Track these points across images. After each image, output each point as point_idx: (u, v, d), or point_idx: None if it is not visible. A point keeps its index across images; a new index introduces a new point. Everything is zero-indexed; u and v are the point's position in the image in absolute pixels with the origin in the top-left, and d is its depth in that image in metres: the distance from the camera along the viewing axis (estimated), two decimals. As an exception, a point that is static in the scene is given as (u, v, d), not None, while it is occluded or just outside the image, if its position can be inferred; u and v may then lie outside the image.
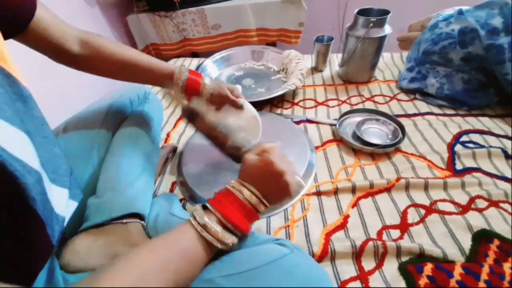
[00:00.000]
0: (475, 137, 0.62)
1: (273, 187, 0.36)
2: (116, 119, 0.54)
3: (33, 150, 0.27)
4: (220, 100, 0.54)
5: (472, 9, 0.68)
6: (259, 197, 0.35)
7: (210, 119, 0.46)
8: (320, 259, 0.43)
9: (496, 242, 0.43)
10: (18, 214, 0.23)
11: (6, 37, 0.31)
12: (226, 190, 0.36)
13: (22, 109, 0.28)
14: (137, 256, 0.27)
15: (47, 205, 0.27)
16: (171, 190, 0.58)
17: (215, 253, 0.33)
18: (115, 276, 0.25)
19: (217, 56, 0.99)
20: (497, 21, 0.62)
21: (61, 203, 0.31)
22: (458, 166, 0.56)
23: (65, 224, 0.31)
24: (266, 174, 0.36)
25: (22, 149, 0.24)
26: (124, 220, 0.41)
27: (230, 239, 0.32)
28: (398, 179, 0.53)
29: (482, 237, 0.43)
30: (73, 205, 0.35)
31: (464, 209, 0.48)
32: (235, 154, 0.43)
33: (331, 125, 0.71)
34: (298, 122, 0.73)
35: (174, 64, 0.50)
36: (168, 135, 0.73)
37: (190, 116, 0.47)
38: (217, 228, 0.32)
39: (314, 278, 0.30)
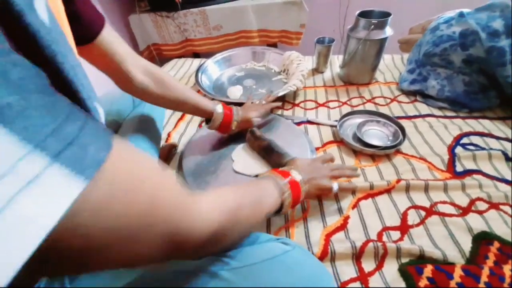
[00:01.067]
0: (476, 139, 0.62)
1: (314, 177, 0.44)
2: (117, 117, 0.54)
3: None
4: (244, 126, 0.62)
5: (473, 11, 0.68)
6: (303, 179, 0.42)
7: (264, 143, 0.58)
8: (320, 260, 0.43)
9: (496, 244, 0.42)
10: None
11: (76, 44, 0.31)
12: (283, 171, 0.43)
13: None
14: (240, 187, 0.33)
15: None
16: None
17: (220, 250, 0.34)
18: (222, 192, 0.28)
19: (218, 56, 0.99)
20: (498, 24, 0.62)
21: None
22: (459, 168, 0.56)
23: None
24: (310, 166, 0.46)
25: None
26: None
27: (289, 201, 0.39)
28: (398, 180, 0.53)
29: (482, 239, 0.43)
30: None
31: (464, 211, 0.48)
32: (280, 162, 0.53)
33: (331, 126, 0.71)
34: (298, 123, 0.73)
35: (213, 104, 0.57)
36: (168, 135, 0.73)
37: (252, 137, 0.60)
38: (288, 192, 0.39)
39: (316, 275, 0.31)
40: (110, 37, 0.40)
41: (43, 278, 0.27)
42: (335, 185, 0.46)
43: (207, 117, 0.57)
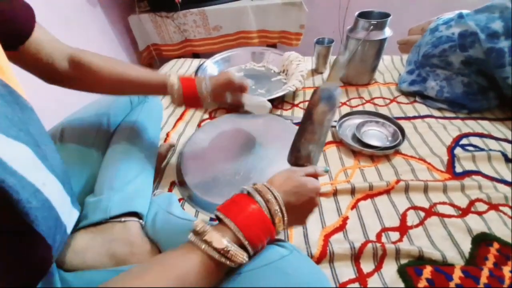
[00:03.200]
0: (475, 140, 0.62)
1: (300, 205, 0.32)
2: (115, 119, 0.54)
3: (37, 160, 0.26)
4: (225, 89, 0.50)
5: (472, 12, 0.68)
6: (281, 207, 0.30)
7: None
8: (318, 260, 0.43)
9: (496, 245, 0.42)
10: (14, 230, 0.23)
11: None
12: (244, 195, 0.31)
13: (23, 119, 0.27)
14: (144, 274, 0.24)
15: (51, 213, 0.27)
16: (170, 190, 0.58)
17: None
18: None
19: (217, 57, 0.99)
20: (497, 25, 0.63)
21: (65, 209, 0.31)
22: (458, 169, 0.56)
23: (68, 233, 0.31)
24: (297, 186, 0.32)
25: (21, 162, 0.24)
26: (123, 219, 0.40)
27: (242, 257, 0.27)
28: (397, 181, 0.53)
29: (482, 241, 0.43)
30: (75, 215, 0.35)
31: (463, 212, 0.48)
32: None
33: (331, 126, 0.71)
34: (298, 124, 0.73)
35: (165, 72, 0.48)
36: (167, 134, 0.73)
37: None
38: (231, 246, 0.26)
39: (313, 281, 0.30)
40: (38, 42, 0.37)
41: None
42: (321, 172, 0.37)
43: (162, 93, 0.48)
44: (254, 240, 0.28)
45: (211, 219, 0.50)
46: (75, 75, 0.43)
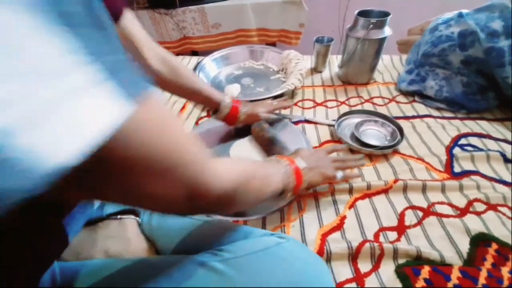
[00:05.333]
0: (474, 140, 0.62)
1: (317, 166, 0.46)
2: None
3: None
4: (251, 119, 0.64)
5: (472, 12, 0.68)
6: (306, 167, 0.43)
7: (268, 134, 0.61)
8: (315, 260, 0.42)
9: (494, 246, 0.42)
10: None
11: None
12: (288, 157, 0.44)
13: None
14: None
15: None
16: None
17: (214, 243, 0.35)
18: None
19: (216, 54, 0.98)
20: (497, 24, 0.62)
21: None
22: (456, 169, 0.55)
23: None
24: (313, 155, 0.47)
25: None
26: (119, 216, 0.40)
27: (292, 186, 0.40)
28: (395, 180, 0.52)
29: (480, 241, 0.43)
30: None
31: (462, 212, 0.47)
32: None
33: (329, 125, 0.70)
34: (296, 122, 0.72)
35: (222, 95, 0.59)
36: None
37: (258, 127, 0.62)
38: (292, 177, 0.40)
39: (310, 265, 0.31)
40: (131, 21, 0.41)
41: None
42: (339, 174, 0.47)
43: (215, 107, 0.59)
44: (297, 181, 0.41)
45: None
46: (165, 75, 0.48)
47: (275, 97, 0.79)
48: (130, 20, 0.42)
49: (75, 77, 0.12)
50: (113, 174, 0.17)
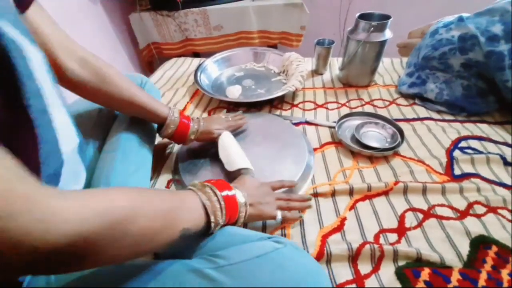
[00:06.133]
0: (474, 143, 0.62)
1: (260, 202, 0.42)
2: (111, 111, 0.53)
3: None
4: (205, 138, 0.58)
5: (472, 16, 0.68)
6: (246, 201, 0.39)
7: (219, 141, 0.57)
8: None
9: (494, 248, 0.42)
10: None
11: None
12: (225, 183, 0.40)
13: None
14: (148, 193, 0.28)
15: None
16: (167, 188, 0.57)
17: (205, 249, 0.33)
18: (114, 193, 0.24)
19: (218, 56, 0.99)
20: (497, 28, 0.63)
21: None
22: (457, 171, 0.56)
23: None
24: (258, 189, 0.44)
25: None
26: None
27: (221, 219, 0.34)
28: (396, 182, 0.52)
29: (480, 243, 0.43)
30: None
31: (462, 215, 0.48)
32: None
33: (330, 127, 0.71)
34: (297, 124, 0.73)
35: (170, 109, 0.52)
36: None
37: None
38: (218, 204, 0.34)
39: (308, 272, 0.29)
40: (40, 15, 0.35)
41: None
42: (278, 214, 0.44)
43: (160, 123, 0.51)
44: (229, 214, 0.36)
45: None
46: (85, 78, 0.41)
47: (276, 99, 0.80)
48: (39, 13, 0.35)
49: None
50: None
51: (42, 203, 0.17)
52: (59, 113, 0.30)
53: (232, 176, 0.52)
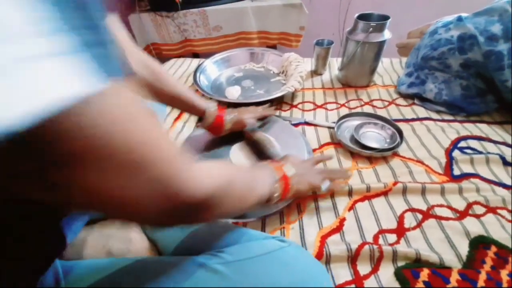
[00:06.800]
0: (473, 143, 0.62)
1: (306, 173, 0.45)
2: None
3: None
4: (237, 127, 0.62)
5: (471, 15, 0.68)
6: (295, 172, 0.43)
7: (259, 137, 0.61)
8: (315, 262, 0.42)
9: (494, 248, 0.42)
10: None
11: None
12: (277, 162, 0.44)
13: None
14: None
15: None
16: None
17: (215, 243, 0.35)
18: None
19: (217, 57, 0.99)
20: (496, 28, 0.63)
21: None
22: (456, 172, 0.56)
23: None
24: (302, 163, 0.47)
25: None
26: None
27: (279, 192, 0.38)
28: (395, 183, 0.52)
29: (480, 243, 0.43)
30: None
31: (461, 215, 0.48)
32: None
33: (329, 128, 0.71)
34: (296, 125, 0.73)
35: (207, 103, 0.58)
36: (165, 134, 0.72)
37: (248, 133, 0.62)
38: (278, 183, 0.39)
39: (312, 271, 0.31)
40: (115, 24, 0.39)
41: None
42: (325, 184, 0.47)
43: (200, 116, 0.57)
44: (284, 187, 0.39)
45: None
46: (146, 79, 0.47)
47: (275, 99, 0.80)
48: (114, 23, 0.40)
49: (34, 43, 0.11)
50: (72, 162, 0.14)
51: (184, 168, 0.21)
52: None
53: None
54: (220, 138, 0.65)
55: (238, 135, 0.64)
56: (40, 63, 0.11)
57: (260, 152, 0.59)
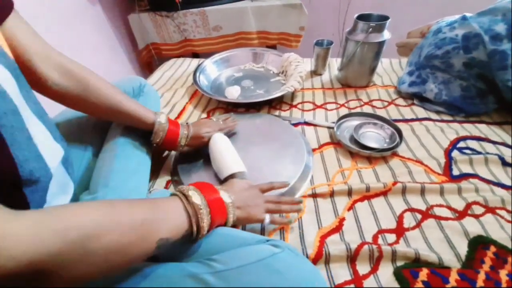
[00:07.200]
0: (472, 144, 0.62)
1: (248, 204, 0.41)
2: None
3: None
4: (196, 143, 0.56)
5: (475, 15, 0.68)
6: (233, 203, 0.39)
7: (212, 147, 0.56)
8: (314, 262, 0.42)
9: (493, 248, 0.42)
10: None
11: None
12: (211, 186, 0.39)
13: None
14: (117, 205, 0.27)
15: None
16: (166, 188, 0.57)
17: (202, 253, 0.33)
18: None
19: (217, 57, 0.99)
20: (501, 27, 0.63)
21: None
22: (455, 172, 0.56)
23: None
24: (246, 191, 0.43)
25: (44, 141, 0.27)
26: None
27: (206, 224, 0.33)
28: (394, 183, 0.52)
29: (479, 243, 0.43)
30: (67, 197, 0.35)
31: (460, 215, 0.48)
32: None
33: (328, 128, 0.71)
34: (296, 124, 0.73)
35: (156, 115, 0.50)
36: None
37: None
38: (204, 209, 0.33)
39: (306, 279, 0.29)
40: (15, 26, 0.34)
41: None
42: (267, 218, 0.43)
43: (148, 129, 0.50)
44: (215, 218, 0.35)
45: None
46: (67, 88, 0.40)
47: (274, 99, 0.80)
48: (17, 24, 0.34)
49: None
50: None
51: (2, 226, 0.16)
52: (37, 129, 0.30)
53: (228, 178, 0.52)
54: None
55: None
56: None
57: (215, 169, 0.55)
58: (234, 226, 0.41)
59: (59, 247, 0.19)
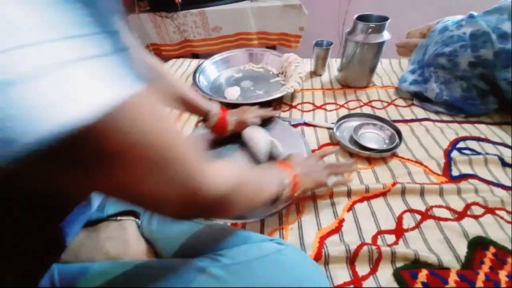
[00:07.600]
0: (472, 144, 0.62)
1: (312, 171, 0.46)
2: None
3: None
4: (240, 127, 0.63)
5: (482, 14, 0.68)
6: (301, 171, 0.44)
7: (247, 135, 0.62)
8: (313, 263, 0.42)
9: (492, 249, 0.42)
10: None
11: None
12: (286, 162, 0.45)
13: None
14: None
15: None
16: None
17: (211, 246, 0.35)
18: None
19: (216, 57, 0.99)
20: (507, 26, 0.62)
21: None
22: (455, 172, 0.56)
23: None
24: (307, 160, 0.48)
25: None
26: (119, 218, 0.40)
27: (287, 191, 0.39)
28: (394, 184, 0.52)
29: (478, 244, 0.43)
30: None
31: (460, 216, 0.48)
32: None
33: (328, 128, 0.71)
34: (295, 125, 0.73)
35: (211, 104, 0.59)
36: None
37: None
38: (288, 185, 0.39)
39: (310, 273, 0.31)
40: (122, 27, 0.38)
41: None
42: (331, 180, 0.47)
43: (204, 116, 0.58)
44: (294, 189, 0.41)
45: None
46: (149, 80, 0.45)
47: (274, 100, 0.80)
48: (122, 26, 0.39)
49: (73, 47, 0.12)
50: (105, 159, 0.15)
51: (204, 168, 0.22)
52: None
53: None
54: (218, 139, 0.65)
55: (236, 135, 0.65)
56: (81, 65, 0.12)
57: (253, 152, 0.59)
58: (243, 225, 0.46)
59: (233, 186, 0.26)
